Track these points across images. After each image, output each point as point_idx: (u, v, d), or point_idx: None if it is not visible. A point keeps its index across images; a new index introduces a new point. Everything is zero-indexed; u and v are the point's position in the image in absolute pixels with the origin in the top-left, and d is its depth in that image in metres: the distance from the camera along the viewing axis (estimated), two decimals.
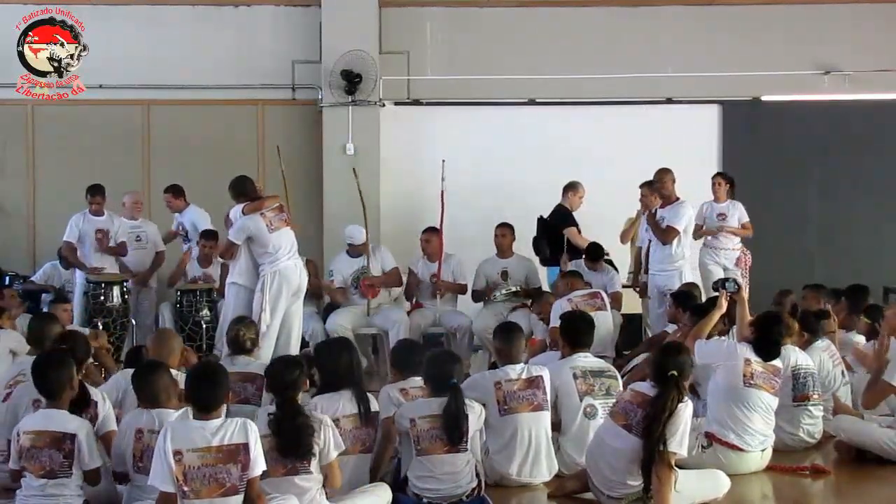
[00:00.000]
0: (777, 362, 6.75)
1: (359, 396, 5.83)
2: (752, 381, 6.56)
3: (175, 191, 10.72)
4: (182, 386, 5.37)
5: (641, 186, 10.12)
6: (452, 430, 5.69)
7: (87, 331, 7.90)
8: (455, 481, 5.70)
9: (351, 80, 11.38)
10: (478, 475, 5.81)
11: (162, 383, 5.43)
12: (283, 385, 5.42)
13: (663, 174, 9.68)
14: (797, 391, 7.08)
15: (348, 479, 5.69)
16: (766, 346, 6.71)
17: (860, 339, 8.15)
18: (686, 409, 5.62)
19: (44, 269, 10.73)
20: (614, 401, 6.00)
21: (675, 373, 5.59)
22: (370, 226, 10.11)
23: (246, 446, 4.89)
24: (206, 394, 4.97)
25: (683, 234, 9.53)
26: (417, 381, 6.15)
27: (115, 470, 5.50)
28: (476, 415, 5.88)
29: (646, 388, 5.70)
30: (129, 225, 10.48)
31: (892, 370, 6.71)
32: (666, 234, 9.44)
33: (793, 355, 7.12)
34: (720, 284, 7.31)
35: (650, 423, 5.50)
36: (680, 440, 5.55)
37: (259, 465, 4.93)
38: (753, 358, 6.64)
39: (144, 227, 10.64)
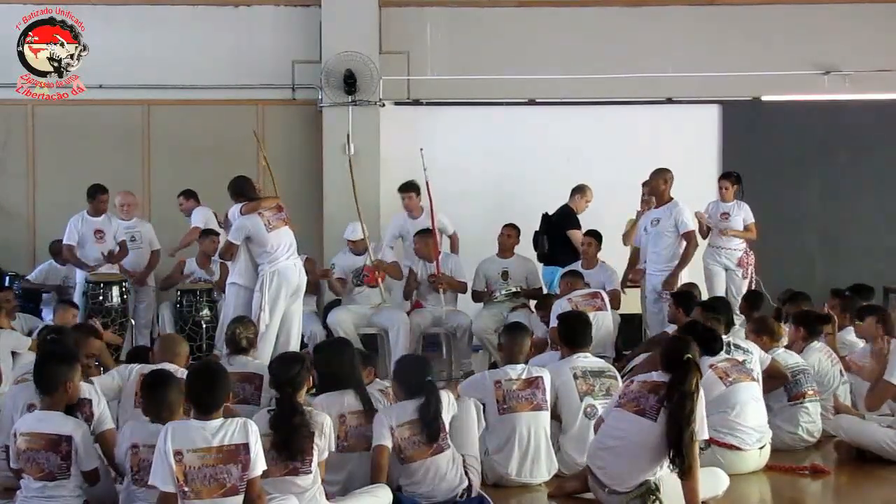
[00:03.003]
0: (736, 355, 6.74)
1: (361, 394, 5.86)
2: (729, 380, 6.57)
3: (186, 194, 10.77)
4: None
5: (644, 185, 10.10)
6: (430, 428, 5.66)
7: None
8: (445, 482, 5.68)
9: (346, 82, 11.38)
10: (466, 473, 5.78)
11: (171, 398, 5.25)
12: (283, 381, 5.43)
13: (658, 173, 9.64)
14: (791, 391, 7.11)
15: (353, 477, 5.72)
16: (710, 344, 6.61)
17: (851, 336, 8.16)
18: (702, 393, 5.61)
19: (41, 269, 10.73)
20: (618, 396, 5.89)
21: (690, 356, 5.58)
22: (370, 225, 10.10)
23: (246, 446, 4.88)
24: (206, 395, 4.97)
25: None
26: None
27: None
28: (471, 414, 5.85)
29: (655, 376, 5.67)
30: (125, 225, 10.45)
31: (892, 369, 6.72)
32: (687, 239, 9.38)
33: (781, 357, 7.16)
34: None
35: (679, 406, 5.42)
36: (701, 424, 5.52)
37: (259, 464, 4.92)
38: (715, 360, 6.62)
39: (139, 226, 10.61)
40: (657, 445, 5.51)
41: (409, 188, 10.29)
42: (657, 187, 9.60)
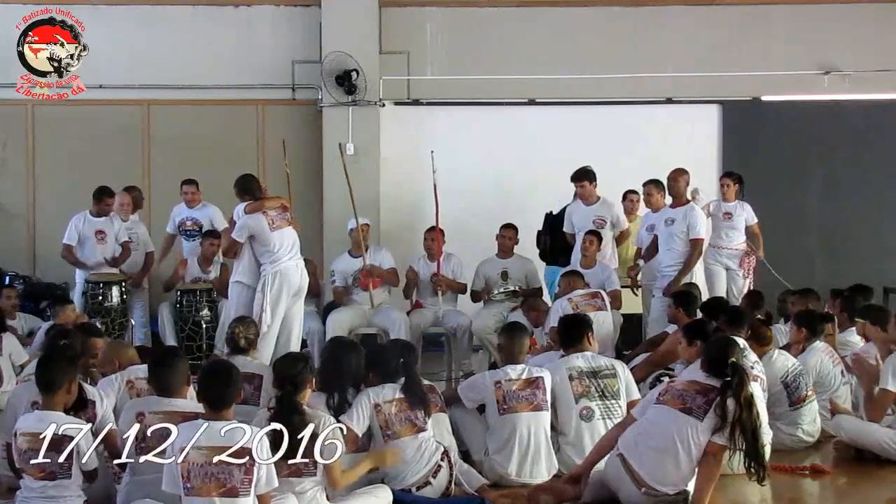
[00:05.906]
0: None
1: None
2: None
3: (198, 185, 10.66)
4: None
5: (645, 184, 10.07)
6: (419, 404, 5.86)
7: None
8: (419, 461, 5.79)
9: (338, 82, 11.38)
10: (446, 453, 5.88)
11: (178, 375, 5.49)
12: (285, 380, 5.44)
13: (678, 174, 9.58)
14: (792, 397, 7.14)
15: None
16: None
17: (855, 338, 8.15)
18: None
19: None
20: (657, 394, 5.85)
21: (735, 359, 5.58)
22: (370, 226, 10.09)
23: (251, 453, 4.87)
24: (217, 392, 5.02)
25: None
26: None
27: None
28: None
29: (699, 376, 5.66)
30: (124, 226, 10.44)
31: (887, 377, 6.73)
32: (693, 246, 9.36)
33: (779, 362, 7.16)
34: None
35: (746, 420, 5.42)
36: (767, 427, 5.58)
37: (271, 481, 4.92)
38: None
39: (135, 227, 10.58)
40: (700, 447, 5.52)
41: (582, 176, 10.10)
42: (673, 187, 9.54)
